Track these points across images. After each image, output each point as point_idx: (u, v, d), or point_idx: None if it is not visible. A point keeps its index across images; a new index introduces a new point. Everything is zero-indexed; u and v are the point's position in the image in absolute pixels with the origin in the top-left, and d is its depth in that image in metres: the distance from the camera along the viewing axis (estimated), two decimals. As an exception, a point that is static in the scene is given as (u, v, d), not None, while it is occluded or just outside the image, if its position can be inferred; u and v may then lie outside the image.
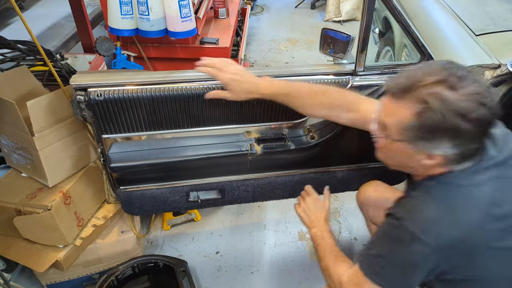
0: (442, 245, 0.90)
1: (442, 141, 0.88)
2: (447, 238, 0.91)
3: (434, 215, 0.92)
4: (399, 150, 0.97)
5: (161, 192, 1.59)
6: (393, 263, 0.97)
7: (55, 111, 1.44)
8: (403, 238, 0.94)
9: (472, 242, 0.92)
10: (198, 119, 1.45)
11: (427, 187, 0.98)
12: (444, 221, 0.91)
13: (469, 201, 0.93)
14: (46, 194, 1.51)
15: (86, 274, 1.76)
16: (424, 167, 0.97)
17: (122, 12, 2.15)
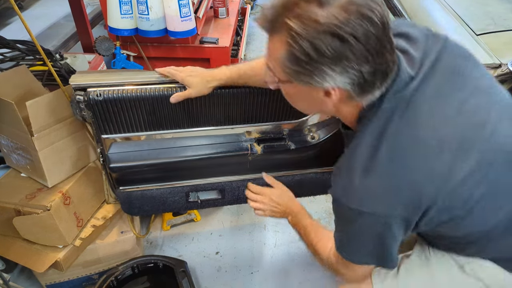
0: (394, 213, 0.84)
1: (325, 70, 0.75)
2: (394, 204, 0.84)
3: (372, 182, 0.84)
4: (293, 92, 0.88)
5: (160, 193, 1.59)
6: (361, 242, 0.93)
7: (55, 111, 1.44)
8: (351, 217, 0.89)
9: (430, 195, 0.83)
10: (198, 119, 1.44)
11: (355, 141, 0.89)
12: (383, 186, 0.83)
13: (413, 145, 0.83)
14: (46, 194, 1.51)
15: (86, 275, 1.76)
16: (335, 108, 0.88)
17: (122, 11, 2.14)
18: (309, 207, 2.25)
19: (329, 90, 0.81)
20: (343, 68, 0.75)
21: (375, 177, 0.83)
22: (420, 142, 0.83)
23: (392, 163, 0.83)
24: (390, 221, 0.85)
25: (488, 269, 1.01)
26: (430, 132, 0.83)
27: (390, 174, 0.83)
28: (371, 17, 0.72)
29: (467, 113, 0.86)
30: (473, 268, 1.02)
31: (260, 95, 1.42)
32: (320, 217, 2.22)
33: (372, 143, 0.84)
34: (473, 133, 0.85)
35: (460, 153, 0.83)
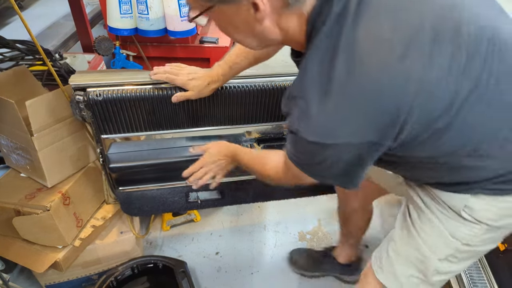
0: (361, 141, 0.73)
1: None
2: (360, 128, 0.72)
3: (332, 107, 0.71)
4: (222, 18, 0.79)
5: (160, 193, 1.59)
6: (323, 169, 0.82)
7: (54, 111, 1.44)
8: (312, 151, 0.77)
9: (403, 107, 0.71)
10: (198, 119, 1.44)
11: (305, 62, 0.76)
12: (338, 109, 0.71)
13: (373, 50, 0.70)
14: (45, 194, 1.50)
15: (85, 275, 1.75)
16: (278, 28, 0.77)
17: (121, 11, 2.14)
18: (309, 207, 2.26)
19: (255, 1, 0.70)
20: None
21: (335, 101, 0.70)
22: (382, 44, 0.69)
23: (352, 78, 0.69)
24: (359, 150, 0.75)
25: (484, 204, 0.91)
26: (391, 29, 0.70)
27: (352, 92, 0.70)
28: None
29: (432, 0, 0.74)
30: (470, 210, 0.93)
31: (260, 95, 1.42)
32: (320, 217, 2.22)
33: (326, 59, 0.71)
34: (442, 21, 0.72)
35: (432, 48, 0.70)
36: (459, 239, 0.97)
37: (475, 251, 1.01)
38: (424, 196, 1.03)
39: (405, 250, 1.08)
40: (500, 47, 0.76)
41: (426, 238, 1.03)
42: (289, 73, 1.44)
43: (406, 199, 1.13)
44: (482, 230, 0.95)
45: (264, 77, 1.42)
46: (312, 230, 2.15)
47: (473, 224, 0.94)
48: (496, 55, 0.75)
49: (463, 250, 0.99)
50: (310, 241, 2.09)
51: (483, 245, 0.99)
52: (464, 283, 1.49)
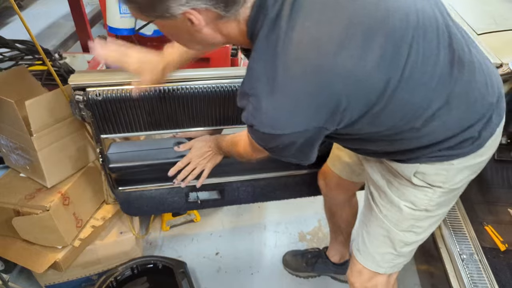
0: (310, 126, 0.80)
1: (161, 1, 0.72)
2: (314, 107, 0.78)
3: (279, 102, 0.77)
4: (164, 29, 0.84)
5: (160, 193, 1.58)
6: (280, 152, 0.90)
7: (54, 111, 1.43)
8: (267, 139, 0.85)
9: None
10: (197, 119, 1.44)
11: (251, 62, 0.82)
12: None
13: (309, 48, 0.75)
14: (45, 194, 1.50)
15: (85, 275, 1.75)
16: (219, 34, 0.83)
17: (121, 11, 2.13)
18: (309, 207, 2.26)
19: (188, 16, 0.75)
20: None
21: (279, 98, 0.77)
22: (316, 43, 0.75)
23: (292, 76, 0.76)
24: (306, 135, 0.83)
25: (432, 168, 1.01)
26: (323, 29, 0.75)
27: (293, 89, 0.76)
28: None
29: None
30: (422, 175, 1.03)
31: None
32: (320, 218, 2.21)
33: (268, 60, 0.78)
34: (370, 16, 0.78)
35: (363, 42, 0.76)
36: (417, 206, 1.07)
37: (434, 216, 1.11)
38: (382, 170, 1.12)
39: (373, 230, 1.18)
40: (424, 29, 0.83)
41: (386, 213, 1.12)
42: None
43: (367, 182, 1.21)
44: (436, 193, 1.05)
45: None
46: (312, 231, 2.15)
47: (427, 189, 1.05)
48: (421, 39, 0.82)
49: (422, 217, 1.10)
50: (310, 241, 2.09)
51: (439, 208, 1.10)
52: (464, 283, 1.49)
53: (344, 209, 1.66)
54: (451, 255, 1.61)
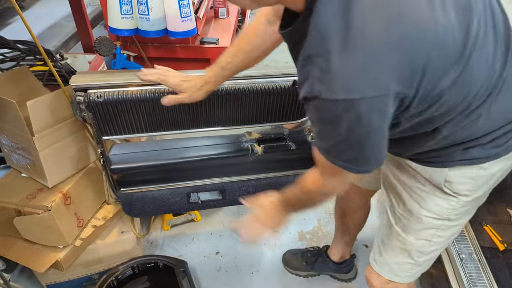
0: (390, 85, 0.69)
1: None
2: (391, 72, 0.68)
3: (353, 57, 0.67)
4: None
5: (161, 194, 1.59)
6: (356, 144, 0.77)
7: (55, 112, 1.44)
8: (337, 114, 0.71)
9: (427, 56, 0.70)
10: (198, 120, 1.45)
11: (316, 19, 0.70)
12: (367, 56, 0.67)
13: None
14: (46, 194, 1.51)
15: (86, 275, 1.76)
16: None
17: (122, 11, 2.14)
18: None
19: None
20: None
21: (356, 53, 0.67)
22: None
23: (373, 26, 0.67)
24: (383, 102, 0.71)
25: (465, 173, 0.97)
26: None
27: (373, 41, 0.67)
28: None
29: None
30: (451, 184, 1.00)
31: (261, 95, 1.43)
32: (320, 217, 2.22)
33: (338, 12, 0.68)
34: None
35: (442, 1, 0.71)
36: (439, 215, 1.04)
37: (455, 225, 1.08)
38: (403, 176, 1.08)
39: (389, 240, 1.15)
40: (492, 10, 0.81)
41: (405, 222, 1.09)
42: (289, 73, 1.44)
43: (386, 189, 1.18)
44: (460, 202, 1.02)
45: (264, 78, 1.42)
46: (312, 230, 2.16)
47: (452, 197, 1.02)
48: (489, 19, 0.80)
49: (444, 227, 1.06)
50: (310, 241, 2.10)
51: (461, 218, 1.07)
52: (463, 283, 1.49)
53: (357, 212, 1.64)
54: (450, 255, 1.61)
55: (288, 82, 1.43)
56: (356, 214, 1.66)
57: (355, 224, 1.71)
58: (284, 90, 1.43)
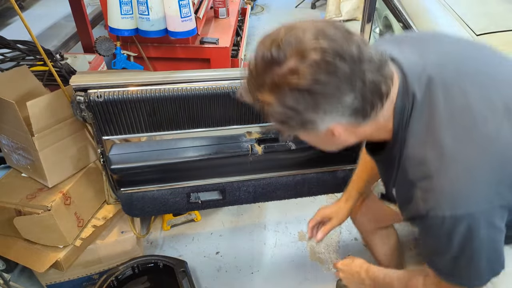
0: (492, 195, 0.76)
1: (310, 119, 0.74)
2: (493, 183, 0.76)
3: (455, 177, 0.76)
4: (307, 138, 0.87)
5: (161, 194, 1.59)
6: (472, 256, 0.80)
7: (55, 112, 1.44)
8: (448, 230, 0.77)
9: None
10: (198, 120, 1.45)
11: (410, 149, 0.82)
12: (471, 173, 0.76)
13: (474, 117, 0.78)
14: (46, 194, 1.51)
15: (86, 275, 1.76)
16: (358, 135, 0.85)
17: (122, 11, 2.14)
18: (309, 207, 2.27)
19: (331, 130, 0.79)
20: (325, 110, 0.73)
21: (454, 166, 0.76)
22: (482, 112, 0.79)
23: (464, 141, 0.77)
24: (490, 215, 0.77)
25: None
26: (485, 100, 0.80)
27: (466, 153, 0.76)
28: (330, 60, 0.68)
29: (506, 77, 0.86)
30: None
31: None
32: (320, 217, 2.22)
33: (429, 138, 0.79)
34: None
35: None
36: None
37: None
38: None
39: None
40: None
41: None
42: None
43: None
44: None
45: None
46: (312, 230, 2.16)
47: None
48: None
49: None
50: (310, 240, 2.10)
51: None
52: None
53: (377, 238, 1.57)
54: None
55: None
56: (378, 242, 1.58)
57: (392, 259, 1.59)
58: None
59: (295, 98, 0.71)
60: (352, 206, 1.37)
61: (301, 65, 0.68)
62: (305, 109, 0.72)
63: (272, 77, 0.71)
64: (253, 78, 0.75)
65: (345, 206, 1.37)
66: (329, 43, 0.69)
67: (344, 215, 1.36)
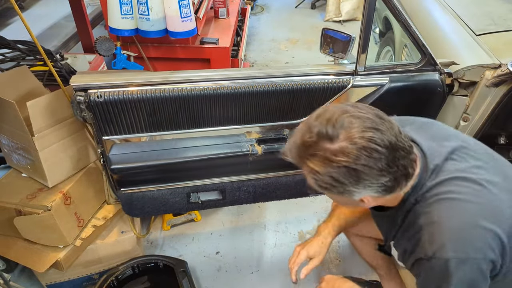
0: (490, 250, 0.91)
1: (350, 190, 0.89)
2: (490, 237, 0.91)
3: (457, 225, 0.92)
4: (335, 198, 1.02)
5: (161, 194, 1.59)
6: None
7: (55, 112, 1.44)
8: (448, 271, 0.92)
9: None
10: (198, 120, 1.45)
11: (423, 207, 0.98)
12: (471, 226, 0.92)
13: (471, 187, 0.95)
14: (46, 194, 1.51)
15: (86, 275, 1.76)
16: (377, 203, 0.99)
17: (122, 12, 2.14)
18: (309, 207, 2.27)
19: (362, 200, 0.94)
20: (364, 185, 0.88)
21: (458, 221, 0.93)
22: (480, 186, 0.95)
23: (462, 209, 0.93)
24: (483, 265, 0.92)
25: None
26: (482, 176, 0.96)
27: (465, 217, 0.93)
28: (376, 148, 0.84)
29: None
30: None
31: (260, 95, 1.43)
32: (320, 217, 2.22)
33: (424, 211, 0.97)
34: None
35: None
36: None
37: None
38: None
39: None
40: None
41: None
42: (290, 73, 1.44)
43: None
44: None
45: (264, 78, 1.42)
46: (312, 230, 2.16)
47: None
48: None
49: None
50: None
51: None
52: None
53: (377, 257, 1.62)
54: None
55: (287, 82, 1.43)
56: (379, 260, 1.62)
57: (385, 268, 1.64)
58: (284, 90, 1.43)
59: (342, 173, 0.86)
60: (331, 241, 1.41)
61: (351, 146, 0.84)
62: (349, 183, 0.87)
63: (325, 152, 0.85)
64: (305, 148, 0.89)
65: (326, 242, 1.40)
66: (376, 133, 0.84)
67: (325, 252, 1.40)
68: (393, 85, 1.47)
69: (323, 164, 0.87)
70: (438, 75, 1.51)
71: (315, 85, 1.45)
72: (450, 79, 1.52)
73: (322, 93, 1.48)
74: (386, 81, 1.47)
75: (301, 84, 1.43)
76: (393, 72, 1.50)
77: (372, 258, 1.64)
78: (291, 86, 1.43)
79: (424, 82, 1.50)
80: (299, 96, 1.46)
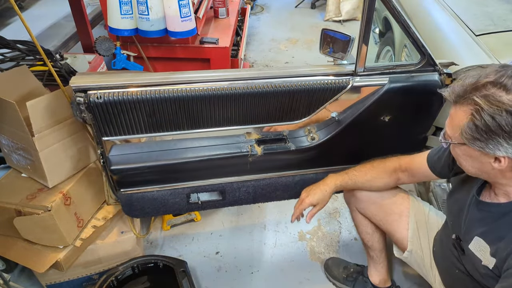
0: None
1: (500, 141, 0.90)
2: None
3: None
4: (465, 154, 1.01)
5: (161, 194, 1.59)
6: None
7: (55, 112, 1.44)
8: None
9: None
10: (198, 121, 1.45)
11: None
12: None
13: None
14: (46, 194, 1.51)
15: (86, 275, 1.76)
16: (501, 174, 0.99)
17: (122, 11, 2.14)
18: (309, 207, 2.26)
19: (499, 158, 0.94)
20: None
21: None
22: None
23: None
24: None
25: None
26: None
27: None
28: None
29: None
30: None
31: (260, 96, 1.43)
32: (320, 217, 2.22)
33: None
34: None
35: None
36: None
37: None
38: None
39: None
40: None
41: None
42: (290, 74, 1.44)
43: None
44: None
45: (263, 79, 1.42)
46: (312, 230, 2.16)
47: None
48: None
49: None
50: (310, 240, 2.10)
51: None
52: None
53: (375, 237, 1.66)
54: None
55: (287, 83, 1.43)
56: (374, 241, 1.67)
57: (379, 250, 1.70)
58: (283, 91, 1.43)
59: (507, 119, 0.88)
60: (333, 191, 1.50)
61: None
62: (507, 131, 0.88)
63: (499, 97, 0.89)
64: (478, 87, 0.92)
65: (329, 191, 1.49)
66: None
67: (327, 200, 1.51)
68: (393, 85, 1.47)
69: (492, 104, 0.89)
70: (438, 76, 1.51)
71: (314, 86, 1.45)
72: (450, 79, 1.52)
73: (322, 94, 1.48)
74: (386, 81, 1.47)
75: (300, 84, 1.43)
76: (392, 72, 1.50)
77: (368, 238, 1.68)
78: (291, 87, 1.43)
79: (423, 83, 1.50)
80: (298, 96, 1.46)
